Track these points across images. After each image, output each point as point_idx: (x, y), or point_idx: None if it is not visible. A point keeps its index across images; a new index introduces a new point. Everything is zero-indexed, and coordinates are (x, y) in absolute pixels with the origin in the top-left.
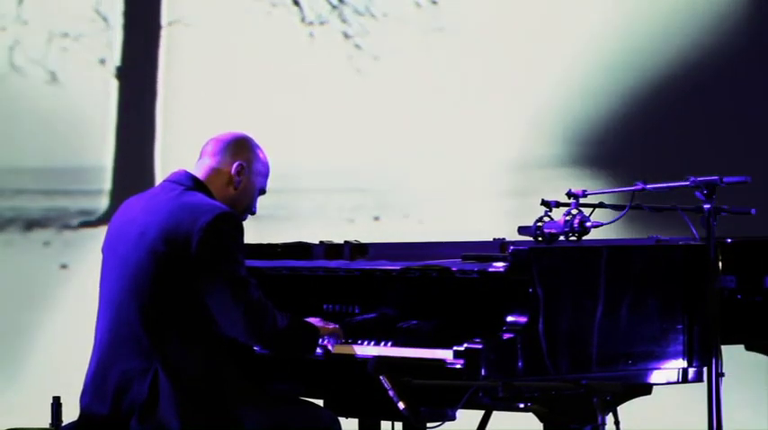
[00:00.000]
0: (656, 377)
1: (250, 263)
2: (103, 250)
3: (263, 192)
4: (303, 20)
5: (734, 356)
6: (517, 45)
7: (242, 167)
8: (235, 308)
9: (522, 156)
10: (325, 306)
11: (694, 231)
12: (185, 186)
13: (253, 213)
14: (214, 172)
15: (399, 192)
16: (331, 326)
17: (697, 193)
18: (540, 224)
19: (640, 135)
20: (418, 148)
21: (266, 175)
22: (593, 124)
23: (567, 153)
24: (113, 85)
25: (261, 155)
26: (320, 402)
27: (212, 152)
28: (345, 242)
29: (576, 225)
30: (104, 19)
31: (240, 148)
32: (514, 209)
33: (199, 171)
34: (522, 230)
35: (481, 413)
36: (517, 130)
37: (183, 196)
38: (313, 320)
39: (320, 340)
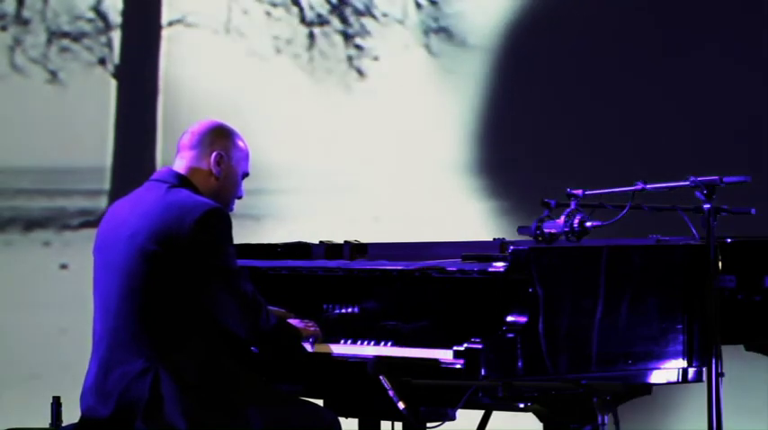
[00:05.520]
0: (655, 377)
1: (250, 263)
2: (94, 255)
3: (246, 175)
4: (303, 20)
5: (734, 356)
6: (517, 45)
7: (220, 157)
8: (230, 300)
9: (521, 155)
10: (324, 305)
11: (694, 231)
12: (170, 184)
13: (240, 197)
14: (194, 165)
15: (399, 192)
16: (312, 328)
17: (697, 193)
18: (539, 224)
19: (641, 135)
20: (418, 148)
21: (246, 158)
22: (595, 124)
23: (568, 151)
24: (113, 85)
25: (237, 140)
26: (320, 402)
27: (189, 145)
28: (345, 242)
29: (575, 225)
30: (104, 19)
31: (216, 138)
32: (515, 209)
33: (180, 166)
34: (521, 230)
35: (481, 413)
36: (518, 130)
37: (169, 194)
38: (294, 322)
39: (302, 342)
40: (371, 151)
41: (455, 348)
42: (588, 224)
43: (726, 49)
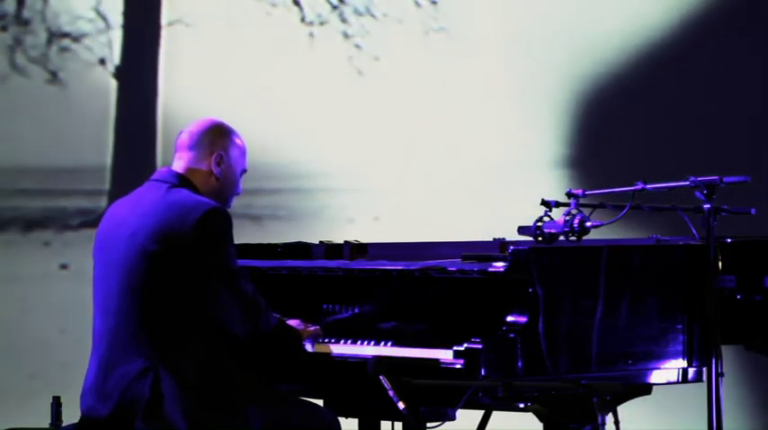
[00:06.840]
0: (655, 377)
1: (250, 263)
2: (94, 254)
3: (244, 171)
4: (303, 20)
5: (734, 356)
6: (517, 45)
7: (220, 157)
8: (231, 300)
9: (521, 156)
10: (324, 306)
11: (694, 231)
12: (170, 184)
13: (238, 194)
14: (194, 166)
15: (399, 192)
16: (312, 328)
17: (697, 193)
18: (539, 224)
19: (640, 135)
20: (418, 148)
21: (244, 155)
22: (594, 124)
23: (568, 153)
24: (113, 85)
25: (235, 138)
26: (320, 402)
27: (188, 146)
28: (345, 242)
29: (575, 225)
30: (104, 19)
31: (214, 138)
32: (514, 209)
33: (179, 166)
34: (521, 230)
35: (481, 413)
36: (518, 130)
37: (169, 194)
38: (293, 322)
39: (303, 342)
40: (371, 151)
41: (455, 348)
42: (588, 224)
43: (726, 49)
